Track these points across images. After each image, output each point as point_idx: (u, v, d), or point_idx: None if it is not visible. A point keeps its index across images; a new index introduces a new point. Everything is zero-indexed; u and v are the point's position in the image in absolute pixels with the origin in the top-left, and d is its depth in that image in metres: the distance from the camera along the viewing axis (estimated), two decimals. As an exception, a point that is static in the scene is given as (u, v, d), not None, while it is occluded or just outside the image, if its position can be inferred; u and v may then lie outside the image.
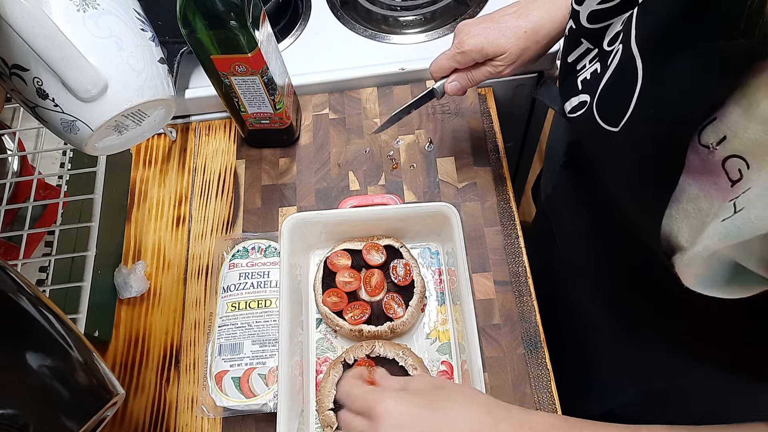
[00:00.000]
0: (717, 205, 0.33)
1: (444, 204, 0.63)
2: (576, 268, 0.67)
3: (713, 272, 0.37)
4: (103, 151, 0.49)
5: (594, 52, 0.49)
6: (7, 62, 0.41)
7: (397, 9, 0.84)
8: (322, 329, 0.66)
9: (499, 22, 0.57)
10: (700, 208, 0.35)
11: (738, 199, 0.32)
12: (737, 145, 0.31)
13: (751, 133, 0.30)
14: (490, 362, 0.63)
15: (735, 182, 0.32)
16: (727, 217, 0.33)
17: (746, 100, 0.30)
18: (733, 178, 0.32)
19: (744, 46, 0.29)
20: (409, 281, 0.64)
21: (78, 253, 0.67)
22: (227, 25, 0.57)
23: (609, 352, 0.66)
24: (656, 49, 0.37)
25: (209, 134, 0.82)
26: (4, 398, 0.31)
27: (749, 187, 0.31)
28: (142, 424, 0.65)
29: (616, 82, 0.42)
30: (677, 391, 0.58)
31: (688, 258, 0.37)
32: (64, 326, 0.36)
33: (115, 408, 0.38)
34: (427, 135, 0.77)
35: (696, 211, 0.35)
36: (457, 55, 0.58)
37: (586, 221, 0.60)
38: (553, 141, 0.76)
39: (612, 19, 0.46)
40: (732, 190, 0.32)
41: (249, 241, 0.69)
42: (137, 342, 0.69)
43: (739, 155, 0.31)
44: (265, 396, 0.60)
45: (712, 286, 0.38)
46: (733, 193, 0.32)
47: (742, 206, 0.32)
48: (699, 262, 0.36)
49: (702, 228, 0.35)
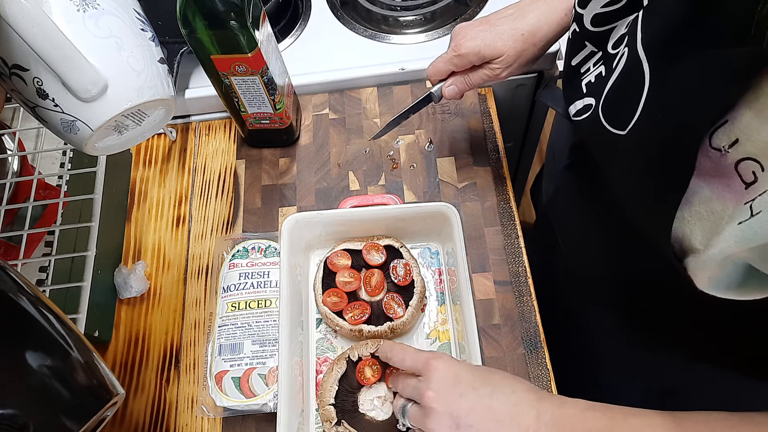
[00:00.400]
0: (731, 208, 0.33)
1: (444, 204, 0.63)
2: (578, 269, 0.67)
3: (727, 275, 0.37)
4: (103, 151, 0.49)
5: (598, 55, 0.49)
6: (7, 62, 0.41)
7: (397, 9, 0.84)
8: (322, 329, 0.66)
9: (496, 25, 0.57)
10: (714, 210, 0.35)
11: (755, 202, 0.32)
12: (750, 148, 0.31)
13: (765, 135, 0.30)
14: (490, 362, 0.63)
15: (749, 184, 0.32)
16: (743, 220, 0.32)
17: (759, 103, 0.30)
18: (747, 180, 0.32)
19: (755, 50, 0.29)
20: (409, 281, 0.64)
21: (78, 253, 0.67)
22: (227, 25, 0.57)
23: (611, 352, 0.66)
24: (663, 52, 0.37)
25: (209, 134, 0.82)
26: (4, 398, 0.31)
27: (766, 190, 0.31)
28: (142, 424, 0.65)
29: (622, 85, 0.42)
30: (680, 390, 0.58)
31: (702, 261, 0.37)
32: (64, 326, 0.36)
33: (115, 408, 0.38)
34: (427, 135, 0.77)
35: (709, 213, 0.35)
36: (454, 58, 0.58)
37: (590, 223, 0.60)
38: (555, 142, 0.76)
39: (616, 22, 0.46)
40: (747, 192, 0.32)
41: (249, 241, 0.69)
42: (137, 342, 0.69)
43: (752, 158, 0.31)
44: (265, 396, 0.60)
45: (726, 289, 0.37)
46: (748, 195, 0.32)
47: (760, 209, 0.31)
48: (713, 265, 0.36)
49: (716, 230, 0.35)
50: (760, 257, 0.34)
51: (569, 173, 0.65)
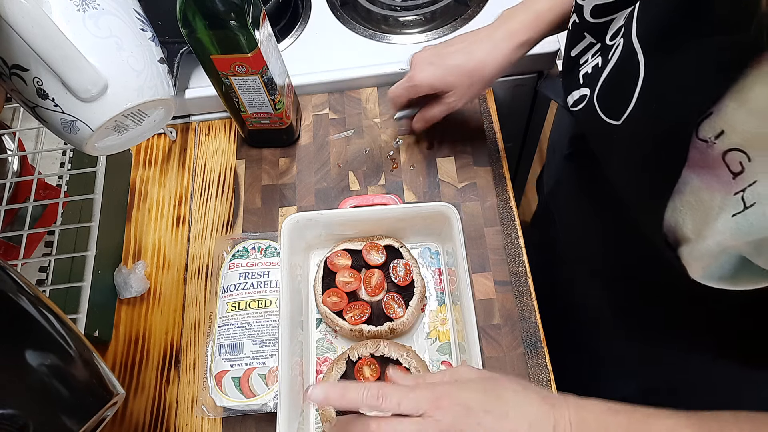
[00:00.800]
0: (720, 198, 0.34)
1: (444, 204, 0.63)
2: (578, 263, 0.67)
3: (720, 265, 0.37)
4: (103, 151, 0.49)
5: (597, 46, 0.49)
6: (7, 62, 0.41)
7: (397, 9, 0.84)
8: (322, 329, 0.66)
9: (447, 59, 0.61)
10: (703, 200, 0.35)
11: (746, 193, 0.32)
12: (736, 139, 0.32)
13: (749, 126, 0.30)
14: (490, 362, 0.63)
15: (737, 175, 0.32)
16: (737, 212, 0.33)
17: (742, 94, 0.30)
18: (735, 170, 0.32)
19: (741, 40, 0.29)
20: (409, 281, 0.64)
21: (78, 253, 0.67)
22: (227, 25, 0.57)
23: (609, 347, 0.66)
24: (657, 43, 0.37)
25: (209, 134, 0.82)
26: (4, 398, 0.31)
27: (755, 180, 0.31)
28: (142, 424, 0.65)
29: (617, 75, 0.43)
30: (678, 386, 0.58)
31: (696, 251, 0.37)
32: (64, 326, 0.36)
33: (115, 408, 0.38)
34: (427, 135, 0.77)
35: (699, 203, 0.35)
36: (410, 87, 0.63)
37: (589, 217, 0.61)
38: (556, 136, 0.76)
39: (615, 13, 0.47)
40: (735, 182, 0.32)
41: (249, 241, 0.69)
42: (137, 342, 0.69)
43: (739, 148, 0.31)
44: (265, 396, 0.60)
45: (718, 279, 0.38)
46: (736, 186, 0.32)
47: (753, 201, 0.32)
48: (707, 255, 0.36)
49: (706, 220, 0.35)
50: (756, 250, 0.34)
51: (569, 164, 0.66)
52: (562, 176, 0.69)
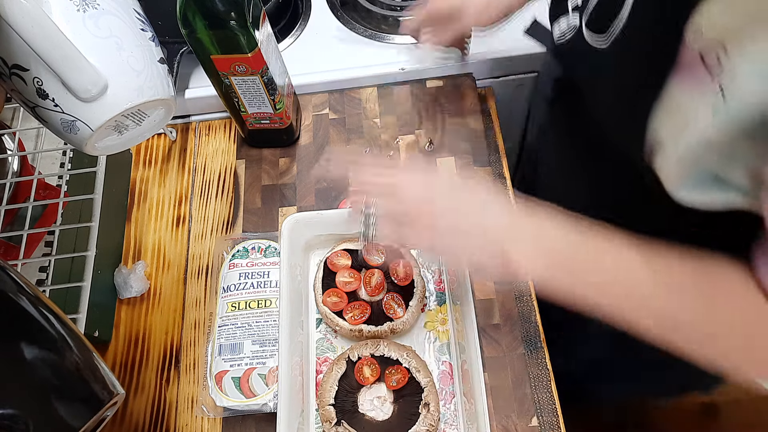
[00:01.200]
0: (698, 98, 0.35)
1: (444, 204, 0.63)
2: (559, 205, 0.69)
3: (693, 177, 0.39)
4: (103, 151, 0.49)
5: None
6: (7, 62, 0.41)
7: (397, 9, 0.84)
8: (322, 329, 0.66)
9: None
10: (680, 103, 0.37)
11: (724, 88, 0.33)
12: (713, 34, 0.33)
13: (725, 19, 0.32)
14: (490, 362, 0.63)
15: (714, 70, 0.34)
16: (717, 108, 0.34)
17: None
18: (712, 66, 0.34)
19: None
20: (409, 281, 0.64)
21: (78, 253, 0.67)
22: (227, 25, 0.57)
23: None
24: None
25: (209, 134, 0.82)
26: (4, 398, 0.32)
27: (733, 71, 0.33)
28: (142, 424, 0.65)
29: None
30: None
31: (674, 161, 0.39)
32: (64, 326, 0.36)
33: (115, 408, 0.38)
34: (427, 135, 0.77)
35: (678, 107, 0.37)
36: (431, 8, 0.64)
37: (572, 157, 0.62)
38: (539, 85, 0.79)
39: None
40: (712, 83, 0.34)
41: (249, 241, 0.69)
42: (137, 342, 0.69)
43: (717, 41, 0.33)
44: (265, 396, 0.60)
45: (692, 188, 0.40)
46: (713, 85, 0.34)
47: (732, 93, 0.33)
48: (683, 166, 0.38)
49: (686, 124, 0.37)
50: (730, 163, 0.36)
51: (551, 109, 0.67)
52: (546, 123, 0.70)
